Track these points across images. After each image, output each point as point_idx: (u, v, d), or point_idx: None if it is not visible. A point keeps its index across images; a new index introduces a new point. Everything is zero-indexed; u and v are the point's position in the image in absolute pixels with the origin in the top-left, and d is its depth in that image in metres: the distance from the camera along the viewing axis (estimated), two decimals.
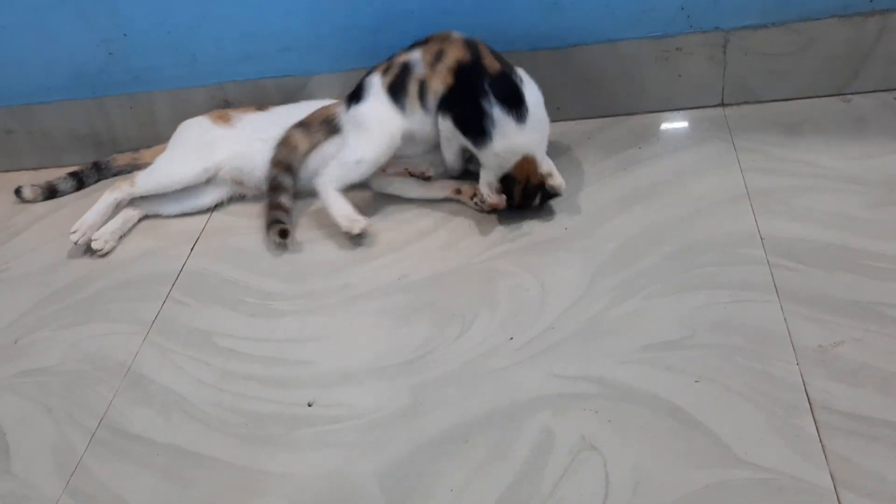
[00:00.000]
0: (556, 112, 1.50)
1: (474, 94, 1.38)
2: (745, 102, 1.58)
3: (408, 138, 1.48)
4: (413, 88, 1.45)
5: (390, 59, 1.50)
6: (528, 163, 1.38)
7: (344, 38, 1.65)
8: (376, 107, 1.48)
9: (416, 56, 1.46)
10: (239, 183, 1.64)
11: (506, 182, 1.40)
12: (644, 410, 1.06)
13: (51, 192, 1.79)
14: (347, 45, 1.66)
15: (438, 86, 1.43)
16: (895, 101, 1.51)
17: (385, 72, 1.48)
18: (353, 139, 1.50)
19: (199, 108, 1.73)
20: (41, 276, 1.57)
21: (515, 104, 1.36)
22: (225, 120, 1.64)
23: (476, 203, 1.48)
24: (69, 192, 1.79)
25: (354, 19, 1.62)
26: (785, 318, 1.13)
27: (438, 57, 1.44)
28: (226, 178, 1.63)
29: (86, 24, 1.69)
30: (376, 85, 1.48)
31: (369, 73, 1.51)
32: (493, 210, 1.45)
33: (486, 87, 1.37)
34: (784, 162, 1.43)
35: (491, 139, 1.36)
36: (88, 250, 1.59)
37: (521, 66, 1.57)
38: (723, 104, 1.60)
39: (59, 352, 1.38)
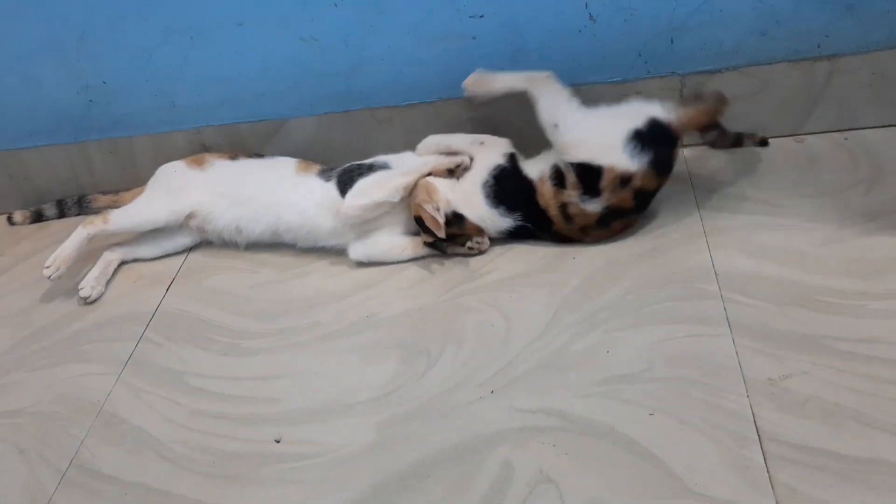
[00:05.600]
0: (523, 152, 1.55)
1: None
2: (703, 143, 1.64)
3: None
4: None
5: None
6: None
7: (318, 83, 1.71)
8: None
9: None
10: (202, 230, 1.67)
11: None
12: (601, 443, 1.09)
13: (38, 216, 1.89)
14: (322, 89, 1.72)
15: None
16: (846, 142, 1.56)
17: None
18: None
19: (179, 151, 1.78)
20: (19, 317, 1.60)
21: None
22: (199, 164, 1.68)
23: (471, 248, 1.48)
24: (53, 218, 1.89)
25: (328, 65, 1.68)
26: (737, 352, 1.17)
27: None
28: (192, 226, 1.67)
29: (67, 71, 1.74)
30: None
31: None
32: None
33: None
34: (740, 200, 1.48)
35: None
36: (64, 291, 1.62)
37: (486, 108, 1.63)
38: (682, 145, 1.65)
39: (33, 393, 1.40)
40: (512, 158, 1.48)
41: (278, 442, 1.21)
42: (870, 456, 1.00)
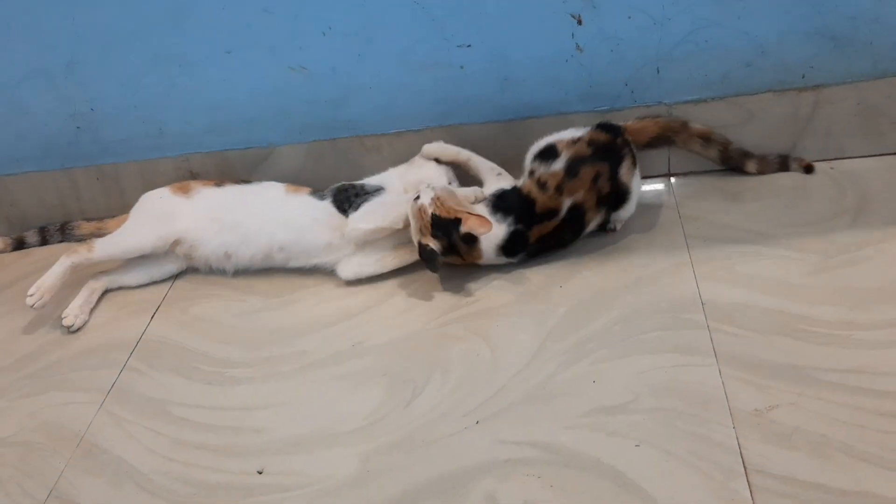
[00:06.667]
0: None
1: None
2: (691, 172, 1.64)
3: None
4: None
5: None
6: None
7: (307, 111, 1.71)
8: None
9: None
10: (189, 257, 1.66)
11: None
12: (586, 475, 1.08)
13: (19, 244, 1.88)
14: (310, 117, 1.72)
15: None
16: (832, 171, 1.57)
17: None
18: None
19: (166, 178, 1.78)
20: (1, 346, 1.58)
21: None
22: (184, 191, 1.68)
23: None
24: (35, 245, 1.88)
25: (317, 93, 1.68)
26: (723, 383, 1.17)
27: None
28: (178, 253, 1.66)
29: (55, 98, 1.74)
30: None
31: None
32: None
33: None
34: (726, 229, 1.48)
35: None
36: (47, 319, 1.61)
37: (475, 136, 1.64)
38: (669, 174, 1.66)
39: (15, 422, 1.38)
40: (515, 189, 1.52)
41: (261, 473, 1.19)
42: (857, 488, 0.99)
